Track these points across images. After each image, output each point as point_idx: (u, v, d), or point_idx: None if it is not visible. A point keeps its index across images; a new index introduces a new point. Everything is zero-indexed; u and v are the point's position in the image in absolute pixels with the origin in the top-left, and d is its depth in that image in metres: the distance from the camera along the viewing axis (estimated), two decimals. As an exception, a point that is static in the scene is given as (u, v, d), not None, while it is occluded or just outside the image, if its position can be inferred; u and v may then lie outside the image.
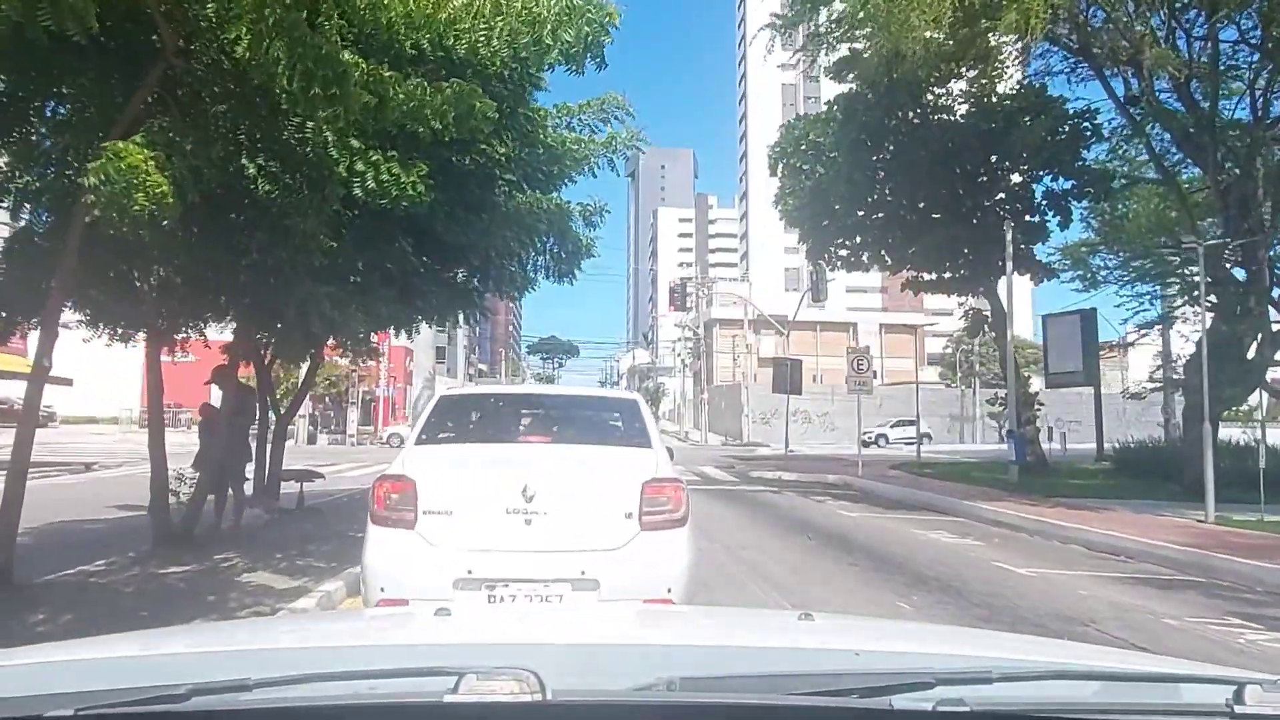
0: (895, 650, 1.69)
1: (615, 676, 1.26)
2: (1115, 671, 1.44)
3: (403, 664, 1.29)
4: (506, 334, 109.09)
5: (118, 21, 5.53)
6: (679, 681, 1.16)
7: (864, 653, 1.51)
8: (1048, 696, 1.23)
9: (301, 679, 1.13)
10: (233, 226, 7.59)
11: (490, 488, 4.37)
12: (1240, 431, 19.61)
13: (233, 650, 1.65)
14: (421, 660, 1.25)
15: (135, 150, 5.22)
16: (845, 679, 1.20)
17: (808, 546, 10.00)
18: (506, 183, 8.17)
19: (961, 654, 1.64)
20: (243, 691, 1.09)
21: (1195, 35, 16.45)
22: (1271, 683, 1.15)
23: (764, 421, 41.67)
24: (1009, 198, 21.79)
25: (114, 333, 8.97)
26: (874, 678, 1.20)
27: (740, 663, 1.44)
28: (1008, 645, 2.05)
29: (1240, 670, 1.43)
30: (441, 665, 1.12)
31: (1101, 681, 1.36)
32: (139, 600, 6.20)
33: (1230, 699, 1.11)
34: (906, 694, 1.13)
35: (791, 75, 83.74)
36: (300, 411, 38.30)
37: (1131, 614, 6.74)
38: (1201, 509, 11.90)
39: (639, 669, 1.25)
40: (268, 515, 10.56)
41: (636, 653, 1.61)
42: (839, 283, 41.03)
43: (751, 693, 1.18)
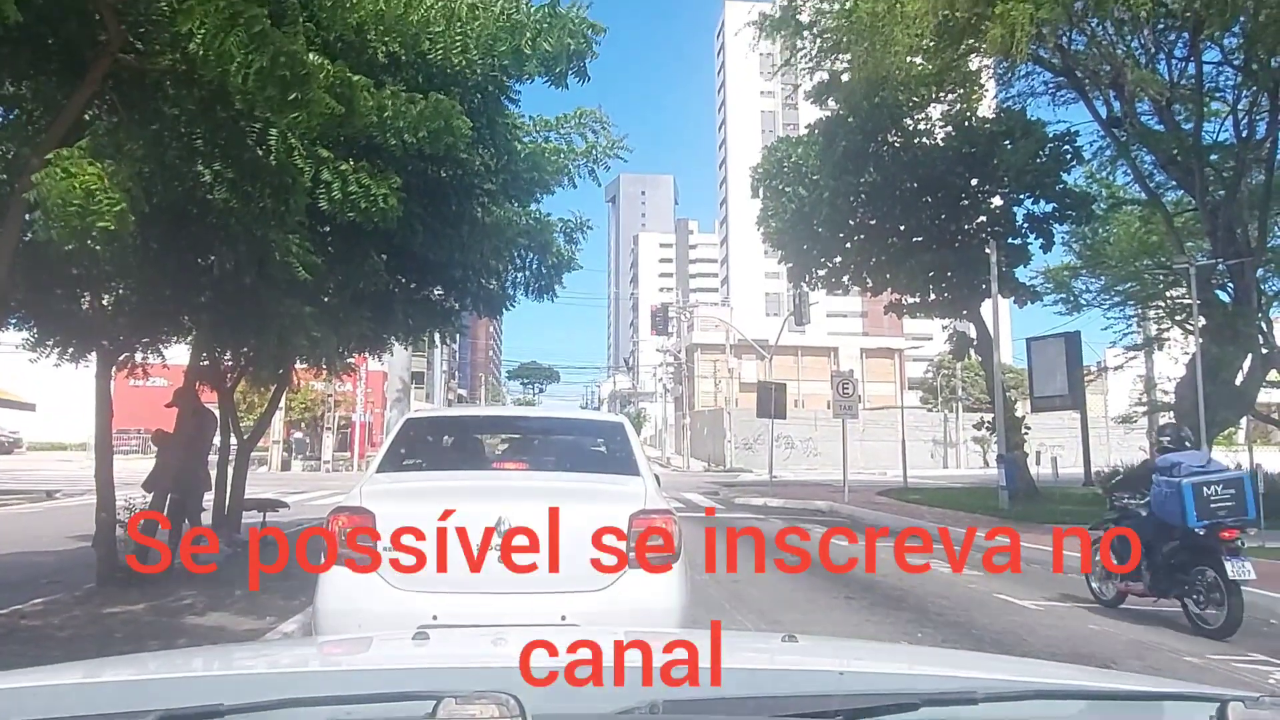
0: (880, 671, 1.68)
1: (597, 700, 1.24)
2: (1099, 690, 1.47)
3: (379, 688, 1.27)
4: (487, 359, 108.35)
5: (57, 14, 5.10)
6: (662, 704, 1.16)
7: (848, 674, 1.52)
8: (1033, 716, 1.25)
9: (276, 704, 1.12)
10: (192, 240, 7.12)
11: (459, 521, 3.89)
12: (1224, 454, 19.49)
13: (201, 676, 1.61)
14: (398, 684, 1.25)
15: (87, 166, 4.77)
16: (830, 700, 1.21)
17: (800, 579, 9.55)
18: (485, 193, 7.77)
19: (946, 674, 1.62)
20: (215, 718, 1.07)
21: (1176, 57, 16.50)
22: (1254, 699, 1.15)
23: (747, 447, 41.27)
24: (990, 220, 21.75)
25: (62, 353, 8.40)
26: (859, 699, 1.22)
27: (724, 685, 1.40)
28: (992, 666, 2.05)
29: (1223, 688, 1.41)
30: (419, 689, 1.10)
31: (1086, 701, 1.37)
32: (72, 646, 5.63)
33: (1214, 716, 1.11)
34: (892, 715, 1.15)
35: (771, 102, 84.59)
36: (273, 437, 37.60)
37: (1152, 652, 6.34)
38: (1199, 535, 11.57)
39: (622, 692, 1.24)
40: (228, 549, 9.94)
41: None
42: (820, 307, 40.88)
43: (736, 714, 1.20)
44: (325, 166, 6.34)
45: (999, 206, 21.83)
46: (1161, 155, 17.00)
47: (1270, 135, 15.89)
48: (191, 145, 6.06)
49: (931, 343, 53.01)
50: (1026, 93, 20.06)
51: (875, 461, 36.06)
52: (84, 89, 5.39)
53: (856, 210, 21.51)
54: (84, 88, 5.38)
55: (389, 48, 6.22)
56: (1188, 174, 16.17)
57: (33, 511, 16.54)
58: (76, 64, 5.38)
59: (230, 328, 8.07)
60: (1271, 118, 15.64)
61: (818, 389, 46.09)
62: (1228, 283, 16.21)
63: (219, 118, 5.82)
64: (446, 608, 3.73)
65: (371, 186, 6.28)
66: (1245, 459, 20.98)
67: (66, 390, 23.12)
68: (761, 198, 23.77)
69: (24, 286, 6.74)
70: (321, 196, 6.31)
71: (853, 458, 24.14)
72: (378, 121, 5.66)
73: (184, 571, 8.57)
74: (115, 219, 4.71)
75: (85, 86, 5.37)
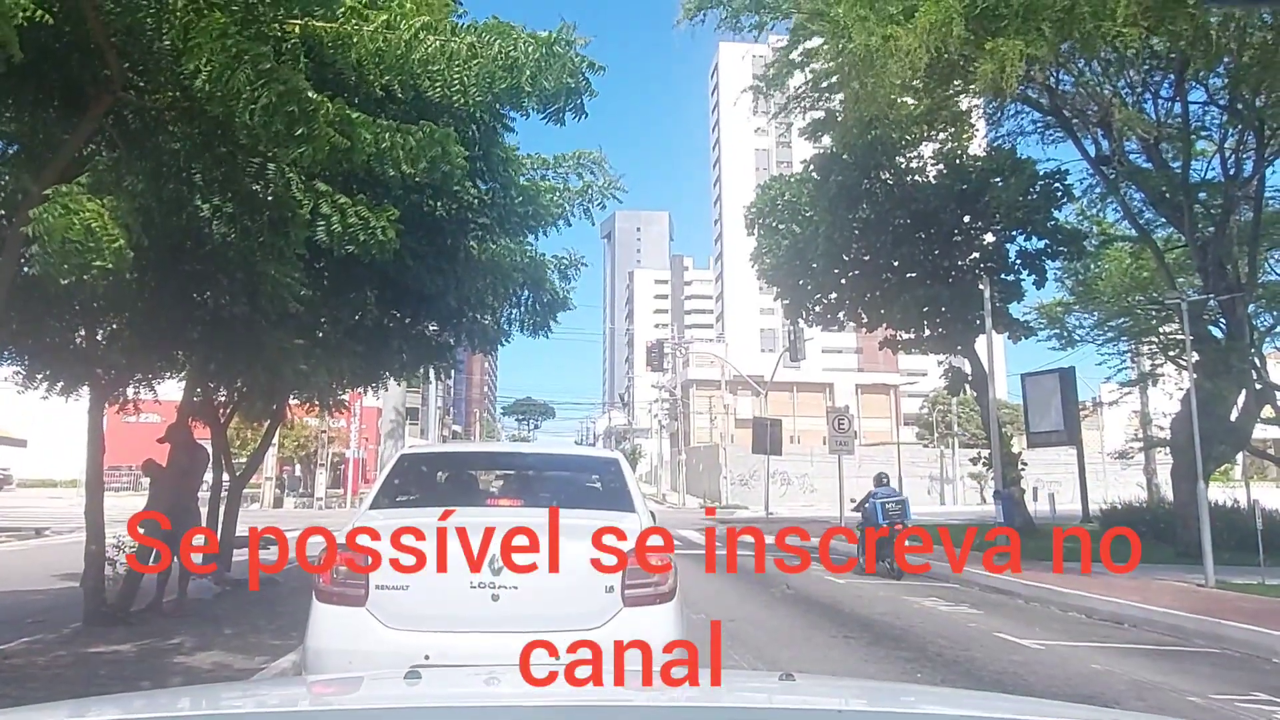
0: (878, 710, 1.68)
1: None
2: None
3: None
4: (481, 395, 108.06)
5: (60, 51, 5.15)
6: None
7: (847, 712, 1.51)
8: None
9: None
10: (188, 274, 7.12)
11: (453, 559, 3.84)
12: (1220, 490, 19.43)
13: (188, 716, 1.59)
14: None
15: (87, 201, 4.78)
16: None
17: (798, 619, 9.44)
18: (480, 227, 7.80)
19: (942, 713, 1.60)
20: None
21: (1163, 96, 16.74)
22: None
23: (742, 483, 41.07)
24: (983, 256, 21.95)
25: (53, 386, 8.34)
26: None
27: None
28: (994, 705, 2.08)
29: None
30: None
31: None
32: (56, 686, 5.51)
33: None
34: None
35: (765, 140, 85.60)
36: (266, 473, 37.31)
37: (1154, 692, 6.25)
38: (1198, 572, 11.50)
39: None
40: (217, 587, 9.80)
41: (613, 714, 1.57)
42: (815, 343, 40.99)
43: None
44: (324, 200, 6.37)
45: (991, 243, 22.05)
46: (1151, 193, 17.18)
47: (1257, 173, 16.10)
48: (190, 180, 6.09)
49: (927, 378, 53.03)
50: (1016, 132, 20.35)
51: (872, 498, 35.83)
52: (85, 125, 5.43)
53: (850, 246, 21.68)
54: (85, 123, 5.42)
55: (387, 85, 6.29)
56: (1177, 211, 16.33)
57: (22, 549, 16.32)
58: (78, 100, 5.42)
59: (222, 361, 8.05)
60: (1258, 155, 15.86)
61: (813, 425, 46.11)
62: (1220, 318, 16.30)
63: (219, 153, 5.86)
64: (439, 646, 3.67)
65: (370, 219, 6.30)
66: (1242, 495, 20.90)
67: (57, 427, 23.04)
68: (756, 234, 23.97)
69: (19, 319, 6.71)
70: (320, 229, 6.33)
71: (849, 494, 23.99)
72: (376, 153, 5.70)
73: (172, 610, 8.44)
74: (114, 257, 4.72)
75: (87, 122, 5.41)
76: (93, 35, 5.11)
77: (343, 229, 6.28)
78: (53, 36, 4.93)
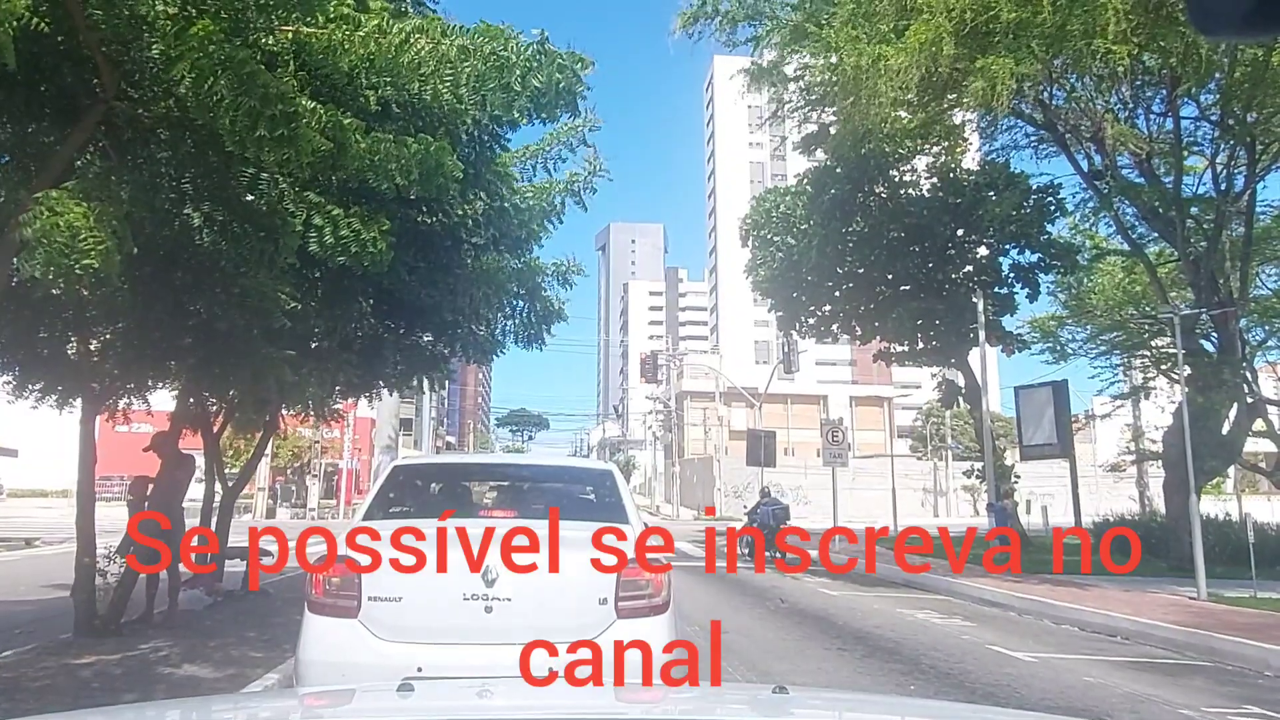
0: None
1: None
2: None
3: None
4: (476, 406, 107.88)
5: (52, 61, 5.15)
6: None
7: None
8: None
9: None
10: (179, 284, 7.11)
11: (446, 570, 3.83)
12: (1212, 503, 19.46)
13: None
14: None
15: (73, 205, 4.78)
16: None
17: (792, 633, 9.42)
18: (474, 246, 7.79)
19: None
20: None
21: (1155, 112, 16.88)
22: None
23: (736, 495, 41.01)
24: (977, 270, 22.02)
25: (44, 396, 8.30)
26: None
27: None
28: (979, 718, 2.14)
29: None
30: None
31: None
32: (44, 698, 5.46)
33: None
34: None
35: (759, 153, 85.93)
36: (259, 484, 37.12)
37: (1146, 705, 6.24)
38: (1190, 585, 11.51)
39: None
40: (209, 598, 9.74)
41: None
42: (809, 355, 41.05)
43: None
44: (316, 211, 6.37)
45: (985, 256, 22.12)
46: (1143, 207, 17.28)
47: (1249, 188, 16.21)
48: (182, 189, 6.09)
49: (920, 390, 53.17)
50: (1009, 146, 20.47)
51: (865, 510, 35.82)
52: (77, 134, 5.43)
53: (845, 259, 21.74)
54: (77, 133, 5.42)
55: (380, 92, 6.29)
56: (1169, 226, 16.42)
57: (11, 559, 16.20)
58: (71, 110, 5.42)
59: (214, 372, 8.01)
60: (1250, 171, 15.97)
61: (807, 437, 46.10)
62: (1212, 332, 16.38)
63: (211, 162, 5.86)
64: (432, 658, 3.65)
65: (362, 231, 6.30)
66: (1234, 508, 20.96)
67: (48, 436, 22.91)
68: (750, 247, 24.00)
69: (10, 329, 6.69)
70: (312, 241, 6.32)
71: (843, 506, 24.03)
72: (370, 164, 5.70)
73: (163, 622, 8.38)
74: (100, 258, 4.70)
75: (79, 132, 5.41)
76: (85, 44, 5.13)
77: (335, 240, 6.27)
78: (45, 45, 4.94)
